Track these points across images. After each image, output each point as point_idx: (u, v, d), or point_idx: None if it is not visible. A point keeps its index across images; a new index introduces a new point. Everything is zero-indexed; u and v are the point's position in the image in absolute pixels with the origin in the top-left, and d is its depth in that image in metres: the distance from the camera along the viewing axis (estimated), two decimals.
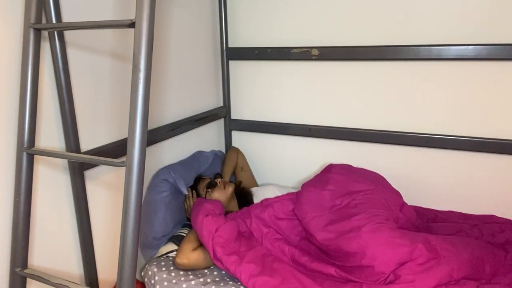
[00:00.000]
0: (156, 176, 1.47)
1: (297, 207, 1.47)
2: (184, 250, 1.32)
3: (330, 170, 1.63)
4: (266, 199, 1.55)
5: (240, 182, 1.82)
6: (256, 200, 1.64)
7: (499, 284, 1.16)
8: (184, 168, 1.54)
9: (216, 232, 1.31)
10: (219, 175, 1.68)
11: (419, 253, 1.19)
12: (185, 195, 1.54)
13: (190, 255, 1.31)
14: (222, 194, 1.54)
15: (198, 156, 1.69)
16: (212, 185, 1.55)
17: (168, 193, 1.44)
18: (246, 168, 1.92)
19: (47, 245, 1.10)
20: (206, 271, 1.34)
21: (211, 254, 1.29)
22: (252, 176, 1.92)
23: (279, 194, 1.64)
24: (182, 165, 1.56)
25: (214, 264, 1.35)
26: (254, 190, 1.73)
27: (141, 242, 1.44)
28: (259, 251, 1.34)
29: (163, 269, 1.34)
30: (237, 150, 1.94)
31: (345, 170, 1.62)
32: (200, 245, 1.36)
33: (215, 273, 1.34)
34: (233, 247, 1.31)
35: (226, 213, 1.55)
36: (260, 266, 1.25)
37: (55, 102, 1.07)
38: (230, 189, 1.57)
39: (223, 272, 1.34)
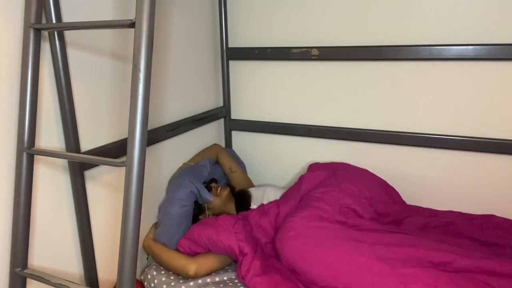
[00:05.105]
0: (178, 188, 1.43)
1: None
2: (183, 261, 1.32)
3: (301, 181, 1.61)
4: (263, 205, 1.54)
5: (233, 188, 1.75)
6: (255, 202, 1.63)
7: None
8: (194, 176, 1.52)
9: (233, 227, 1.34)
10: (215, 180, 1.67)
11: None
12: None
13: (194, 260, 1.31)
14: (216, 198, 1.54)
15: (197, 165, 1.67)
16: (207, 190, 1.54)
17: (190, 206, 1.44)
18: (235, 167, 1.81)
19: (47, 245, 1.10)
20: None
21: (236, 250, 1.28)
22: (244, 176, 1.86)
23: (281, 195, 1.64)
24: (191, 173, 1.53)
25: (226, 264, 1.37)
26: (253, 191, 1.70)
27: None
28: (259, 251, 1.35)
29: (162, 272, 1.34)
30: (218, 148, 1.85)
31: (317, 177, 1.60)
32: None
33: (213, 274, 1.34)
34: (251, 243, 1.33)
35: None
36: (263, 266, 1.27)
37: (55, 102, 1.07)
38: (225, 193, 1.57)
39: (222, 272, 1.34)
